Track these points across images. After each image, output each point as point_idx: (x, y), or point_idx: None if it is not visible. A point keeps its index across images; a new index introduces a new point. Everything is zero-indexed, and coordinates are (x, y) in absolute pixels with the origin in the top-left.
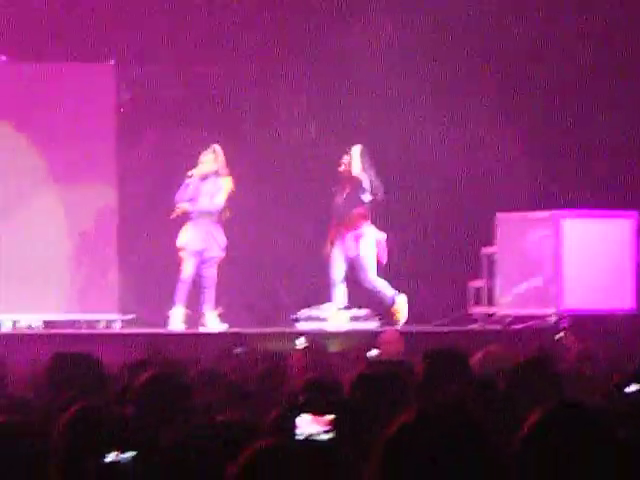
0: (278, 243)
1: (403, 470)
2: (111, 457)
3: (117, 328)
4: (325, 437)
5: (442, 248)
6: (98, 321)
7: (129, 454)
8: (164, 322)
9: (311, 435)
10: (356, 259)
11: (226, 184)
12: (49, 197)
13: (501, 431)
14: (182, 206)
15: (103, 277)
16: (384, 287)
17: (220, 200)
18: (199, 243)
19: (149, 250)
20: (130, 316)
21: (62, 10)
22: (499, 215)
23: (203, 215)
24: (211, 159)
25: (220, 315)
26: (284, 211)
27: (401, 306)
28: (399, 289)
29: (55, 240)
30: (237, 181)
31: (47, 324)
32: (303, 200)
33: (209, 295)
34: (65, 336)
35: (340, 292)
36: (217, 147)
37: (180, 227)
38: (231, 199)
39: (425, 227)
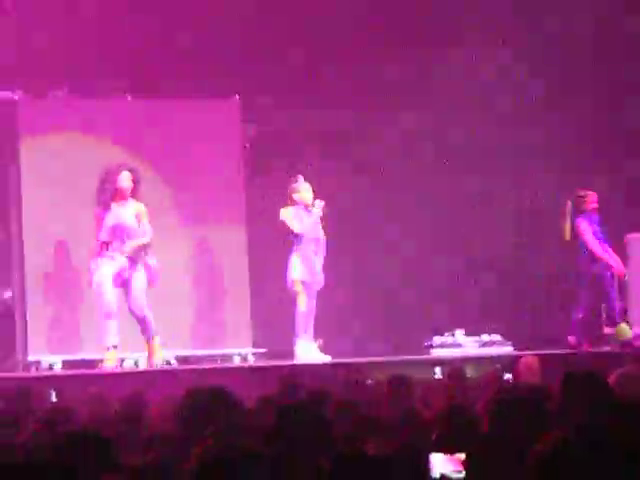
0: (405, 271)
1: None
2: None
3: (251, 362)
4: (458, 476)
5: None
6: (232, 355)
7: None
8: (293, 355)
9: (444, 475)
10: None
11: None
12: (180, 234)
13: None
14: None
15: (235, 311)
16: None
17: (320, 229)
18: (309, 274)
19: (279, 283)
20: (262, 349)
21: (185, 46)
22: (629, 236)
23: (309, 244)
24: (308, 188)
25: (320, 346)
26: (406, 237)
27: (156, 347)
28: (532, 309)
29: (187, 276)
30: (360, 208)
31: (180, 360)
32: (429, 231)
33: (311, 326)
34: (200, 371)
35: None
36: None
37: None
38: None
39: (558, 250)
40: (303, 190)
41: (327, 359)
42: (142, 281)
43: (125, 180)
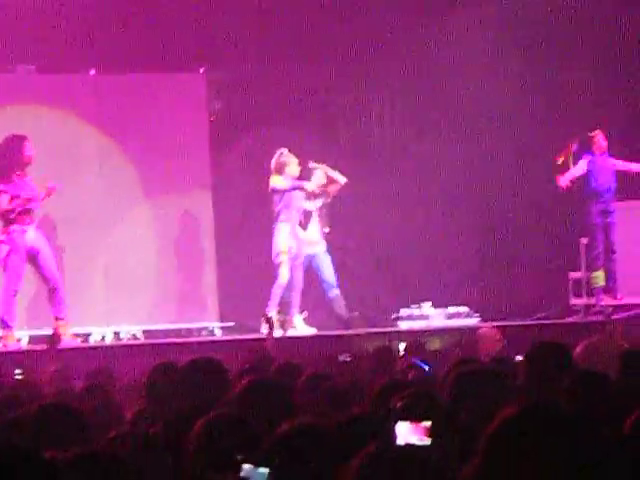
0: (374, 241)
1: (506, 466)
2: (246, 471)
3: (218, 335)
4: (423, 443)
5: (541, 239)
6: (199, 329)
7: (263, 470)
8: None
9: (409, 443)
10: None
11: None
12: (146, 208)
13: (607, 424)
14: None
15: (201, 285)
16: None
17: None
18: (295, 245)
19: (246, 256)
20: (230, 323)
21: (150, 20)
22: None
23: (295, 215)
24: (296, 161)
25: (305, 319)
26: (376, 210)
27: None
28: (499, 280)
29: (153, 250)
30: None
31: (147, 334)
32: (393, 198)
33: (298, 298)
34: (168, 345)
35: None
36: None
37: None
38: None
39: (521, 217)
40: (293, 163)
41: (312, 331)
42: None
43: (30, 149)
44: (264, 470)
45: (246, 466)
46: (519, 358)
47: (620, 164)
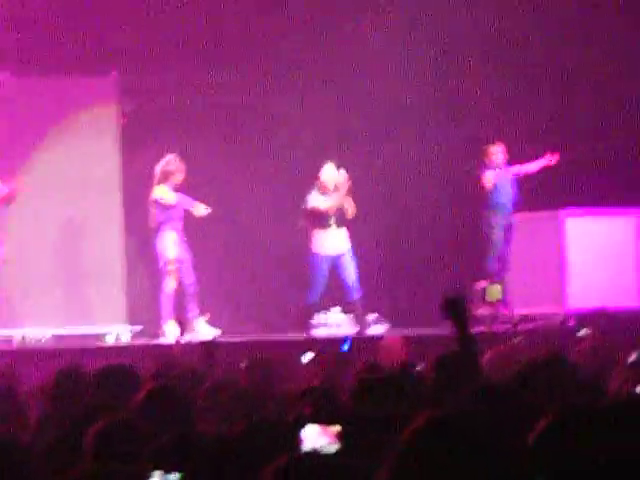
0: (283, 246)
1: (416, 476)
2: (157, 478)
3: (126, 340)
4: (332, 449)
5: (445, 249)
6: (106, 334)
7: (174, 476)
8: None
9: (318, 448)
10: None
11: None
12: (54, 210)
13: (513, 434)
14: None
15: (110, 288)
16: None
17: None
18: (182, 252)
19: (155, 258)
20: (138, 327)
21: (62, 23)
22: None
23: (178, 222)
24: (183, 169)
25: (208, 321)
26: (283, 215)
27: None
28: (401, 290)
29: (61, 253)
30: (243, 184)
31: (56, 338)
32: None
33: (195, 302)
34: (75, 350)
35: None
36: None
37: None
38: (233, 202)
39: (426, 228)
40: (178, 172)
41: (216, 332)
42: None
43: None
44: (174, 477)
45: (156, 472)
46: (419, 367)
47: (517, 169)
